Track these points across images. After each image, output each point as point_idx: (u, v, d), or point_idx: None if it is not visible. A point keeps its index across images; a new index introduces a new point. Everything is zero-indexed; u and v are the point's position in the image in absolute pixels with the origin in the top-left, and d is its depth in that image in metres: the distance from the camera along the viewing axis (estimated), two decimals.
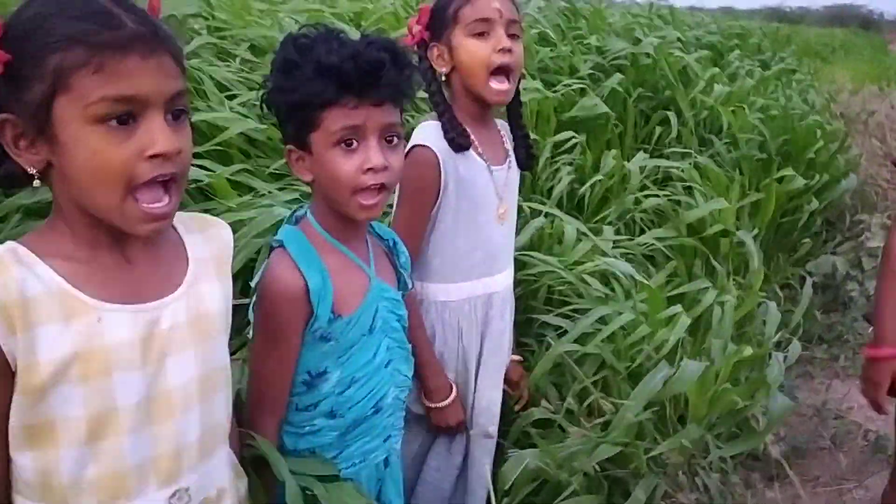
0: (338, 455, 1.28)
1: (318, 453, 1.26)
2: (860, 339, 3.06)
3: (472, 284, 1.62)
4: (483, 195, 1.59)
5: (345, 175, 1.17)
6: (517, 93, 1.63)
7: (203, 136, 2.01)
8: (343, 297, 1.23)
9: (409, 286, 1.42)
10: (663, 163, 3.21)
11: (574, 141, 3.04)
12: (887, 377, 1.49)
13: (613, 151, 3.18)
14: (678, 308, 2.04)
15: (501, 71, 1.51)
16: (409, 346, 1.38)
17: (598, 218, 2.73)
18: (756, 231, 3.18)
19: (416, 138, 1.53)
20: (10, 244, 0.85)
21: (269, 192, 1.93)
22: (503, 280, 1.69)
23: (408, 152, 1.49)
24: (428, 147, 1.50)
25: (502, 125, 1.70)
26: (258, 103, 1.24)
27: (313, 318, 1.19)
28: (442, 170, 1.52)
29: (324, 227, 1.25)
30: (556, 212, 2.45)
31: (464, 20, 1.50)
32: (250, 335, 1.26)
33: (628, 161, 3.10)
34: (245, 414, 1.22)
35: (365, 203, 1.19)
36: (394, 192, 1.50)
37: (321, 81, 1.13)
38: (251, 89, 2.35)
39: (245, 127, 2.06)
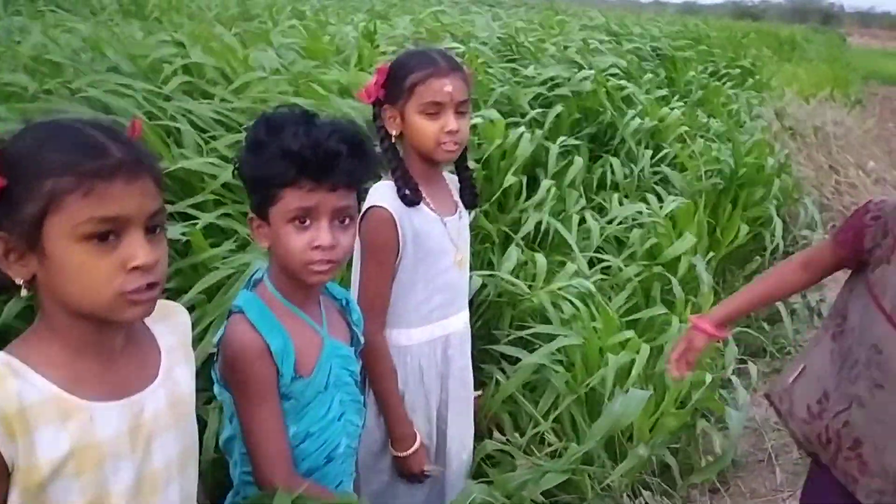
0: None
1: None
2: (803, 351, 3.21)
3: (432, 328, 1.74)
4: (439, 245, 1.71)
5: (294, 250, 1.27)
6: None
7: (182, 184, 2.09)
8: (301, 358, 1.33)
9: (362, 342, 1.52)
10: (630, 209, 3.35)
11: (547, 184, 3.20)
12: (696, 345, 1.68)
13: (575, 193, 3.34)
14: (630, 333, 2.18)
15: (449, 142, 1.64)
16: (361, 398, 1.49)
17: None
18: (712, 254, 3.37)
19: (371, 199, 1.63)
20: (2, 356, 0.93)
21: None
22: (461, 320, 1.81)
23: (365, 213, 1.61)
24: (383, 207, 1.61)
25: (449, 178, 1.82)
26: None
27: (279, 377, 1.29)
28: (399, 226, 1.63)
29: (279, 291, 1.35)
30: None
31: (417, 97, 1.61)
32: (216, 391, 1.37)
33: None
34: (256, 476, 1.31)
35: (316, 269, 1.29)
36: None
37: (283, 163, 1.23)
38: (230, 129, 2.45)
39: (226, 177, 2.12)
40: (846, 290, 1.56)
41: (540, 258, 2.54)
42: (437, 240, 1.71)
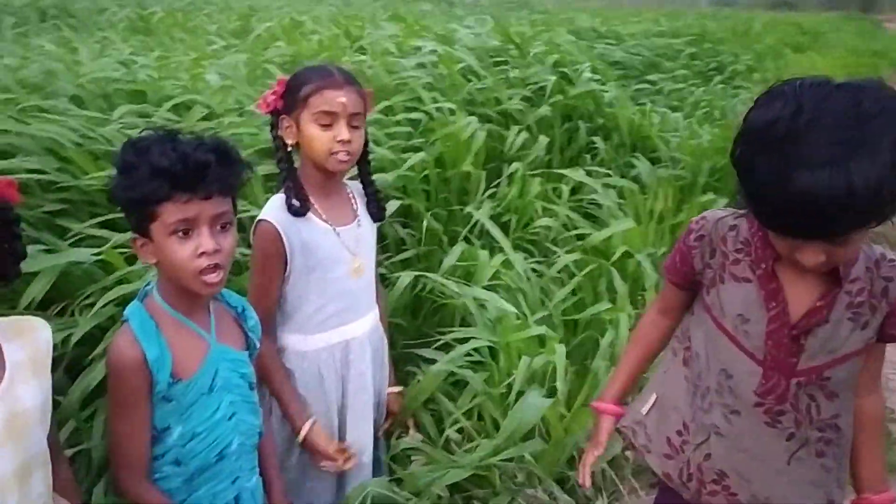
0: (186, 499, 1.48)
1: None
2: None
3: (329, 335, 1.83)
4: (330, 254, 1.79)
5: (181, 260, 1.36)
6: (365, 155, 1.85)
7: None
8: (182, 363, 1.43)
9: (257, 346, 1.61)
10: (585, 178, 3.42)
11: (512, 169, 3.26)
12: (607, 428, 1.60)
13: (538, 180, 3.41)
14: (541, 330, 2.24)
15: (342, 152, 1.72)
16: (256, 399, 1.58)
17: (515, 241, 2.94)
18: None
19: (262, 212, 1.74)
20: None
21: None
22: (361, 326, 1.88)
23: (255, 225, 1.71)
24: (268, 221, 1.71)
25: (353, 186, 1.90)
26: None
27: (154, 383, 1.39)
28: (284, 238, 1.72)
29: (167, 302, 1.45)
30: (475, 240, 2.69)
31: (311, 107, 1.70)
32: None
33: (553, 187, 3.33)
34: (110, 473, 1.42)
35: (209, 281, 1.39)
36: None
37: (156, 181, 1.32)
38: None
39: None
40: (689, 312, 1.48)
41: (483, 254, 2.61)
42: (329, 250, 1.79)
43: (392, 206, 2.72)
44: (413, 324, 2.49)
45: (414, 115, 3.45)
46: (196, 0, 10.89)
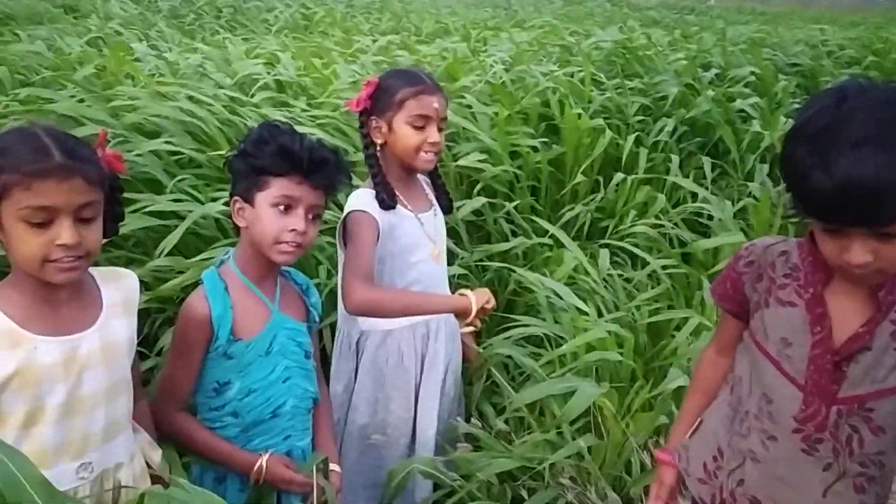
0: (244, 447, 1.64)
1: None
2: None
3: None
4: (414, 239, 1.93)
5: (274, 228, 1.56)
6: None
7: None
8: (244, 325, 1.60)
9: (317, 321, 1.77)
10: (696, 188, 3.34)
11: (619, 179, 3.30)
12: (667, 481, 1.55)
13: (647, 188, 3.38)
14: (611, 328, 2.23)
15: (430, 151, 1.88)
16: (311, 367, 1.73)
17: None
18: None
19: (352, 204, 1.87)
20: None
21: None
22: None
23: (346, 216, 1.86)
24: (365, 211, 1.85)
25: (423, 178, 2.04)
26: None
27: (215, 338, 1.58)
28: (379, 226, 1.85)
29: (240, 269, 1.64)
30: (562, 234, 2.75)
31: (407, 110, 1.85)
32: None
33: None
34: (155, 400, 1.62)
35: (284, 250, 1.57)
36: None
37: (280, 158, 1.54)
38: None
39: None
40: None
41: (568, 253, 2.64)
42: (413, 235, 1.93)
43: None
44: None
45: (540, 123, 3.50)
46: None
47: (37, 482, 0.92)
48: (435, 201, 2.03)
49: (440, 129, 1.89)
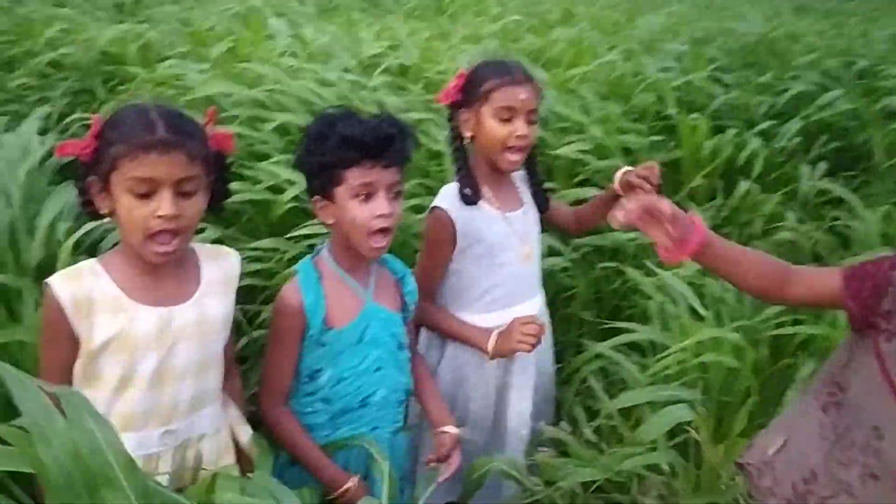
0: (330, 434, 1.67)
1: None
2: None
3: (495, 315, 1.91)
4: (500, 240, 1.88)
5: (361, 220, 1.55)
6: (535, 147, 1.92)
7: None
8: (337, 313, 1.62)
9: (412, 312, 1.76)
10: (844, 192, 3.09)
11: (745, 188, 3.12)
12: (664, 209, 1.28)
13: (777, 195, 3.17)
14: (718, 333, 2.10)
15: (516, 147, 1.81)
16: (405, 357, 1.73)
17: None
18: None
19: (436, 200, 1.87)
20: (92, 261, 1.38)
21: None
22: (526, 309, 1.94)
23: (429, 212, 1.86)
24: (441, 208, 1.83)
25: (519, 174, 1.97)
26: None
27: (309, 327, 1.61)
28: (455, 225, 1.83)
29: (334, 259, 1.66)
30: None
31: (493, 102, 1.79)
32: None
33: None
34: (259, 397, 1.66)
35: (375, 245, 1.57)
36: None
37: (346, 148, 1.53)
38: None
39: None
40: (845, 354, 1.33)
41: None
42: (499, 235, 1.88)
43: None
44: (596, 317, 2.50)
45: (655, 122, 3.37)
46: None
47: (122, 460, 0.97)
48: (529, 198, 1.97)
49: (530, 122, 1.81)
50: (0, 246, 2.05)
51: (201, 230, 2.13)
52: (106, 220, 1.36)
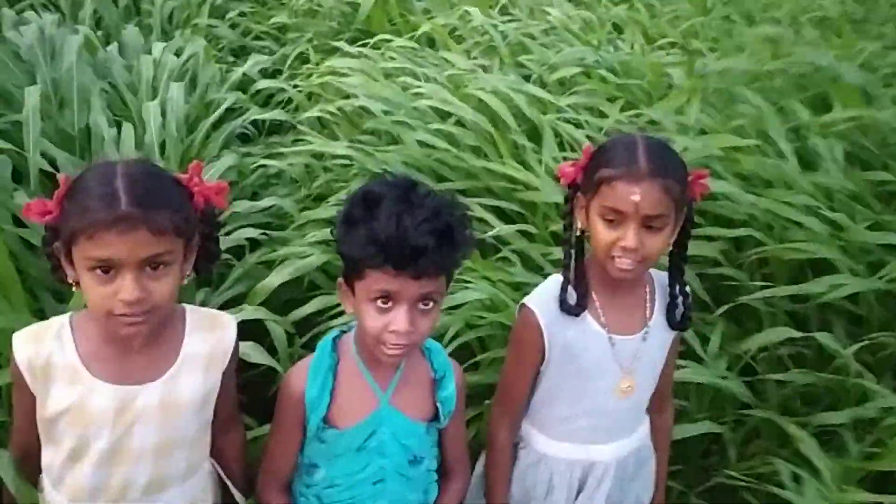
0: None
1: None
2: None
3: (574, 448, 1.58)
4: (597, 365, 1.51)
5: (371, 328, 1.31)
6: (682, 249, 1.50)
7: None
8: (341, 411, 1.41)
9: (443, 421, 1.48)
10: None
11: None
12: None
13: None
14: None
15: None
16: (419, 474, 1.48)
17: None
18: None
19: (531, 294, 1.55)
20: (63, 318, 1.29)
21: None
22: (612, 451, 1.58)
23: (520, 307, 1.54)
24: (531, 309, 1.50)
25: (659, 279, 1.55)
26: None
27: (308, 420, 1.41)
28: (545, 334, 1.49)
29: (357, 346, 1.43)
30: None
31: (600, 197, 1.40)
32: None
33: None
34: (257, 480, 1.50)
35: (389, 353, 1.33)
36: None
37: (370, 248, 1.25)
38: None
39: None
40: None
41: None
42: (596, 359, 1.51)
43: None
44: None
45: None
46: None
47: None
48: (656, 318, 1.54)
49: (649, 229, 1.38)
50: None
51: None
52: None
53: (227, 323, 1.38)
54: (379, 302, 1.28)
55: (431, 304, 1.31)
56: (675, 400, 1.81)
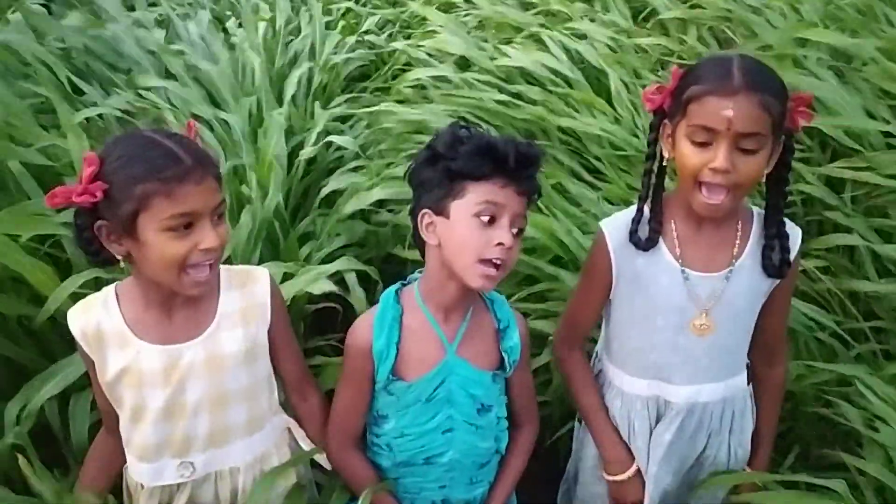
0: (396, 480, 1.50)
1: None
2: None
3: (647, 383, 1.53)
4: (667, 298, 1.44)
5: (475, 243, 1.28)
6: (782, 185, 1.40)
7: None
8: (410, 363, 1.40)
9: (508, 371, 1.47)
10: None
11: None
12: None
13: None
14: None
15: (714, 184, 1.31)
16: (487, 422, 1.47)
17: None
18: None
19: (609, 217, 1.51)
20: (110, 288, 1.31)
21: None
22: (687, 394, 1.51)
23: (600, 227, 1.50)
24: (605, 233, 1.46)
25: (759, 220, 1.45)
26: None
27: (376, 373, 1.41)
28: (613, 261, 1.46)
29: (423, 297, 1.41)
30: None
31: (689, 117, 1.30)
32: None
33: None
34: (327, 427, 1.51)
35: (485, 273, 1.29)
36: None
37: (483, 158, 1.27)
38: None
39: None
40: None
41: None
42: (667, 293, 1.44)
43: None
44: None
45: None
46: None
47: None
48: (748, 259, 1.43)
49: (744, 150, 1.27)
50: None
51: None
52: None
53: (260, 276, 1.39)
54: (484, 217, 1.27)
55: (521, 233, 1.32)
56: None
